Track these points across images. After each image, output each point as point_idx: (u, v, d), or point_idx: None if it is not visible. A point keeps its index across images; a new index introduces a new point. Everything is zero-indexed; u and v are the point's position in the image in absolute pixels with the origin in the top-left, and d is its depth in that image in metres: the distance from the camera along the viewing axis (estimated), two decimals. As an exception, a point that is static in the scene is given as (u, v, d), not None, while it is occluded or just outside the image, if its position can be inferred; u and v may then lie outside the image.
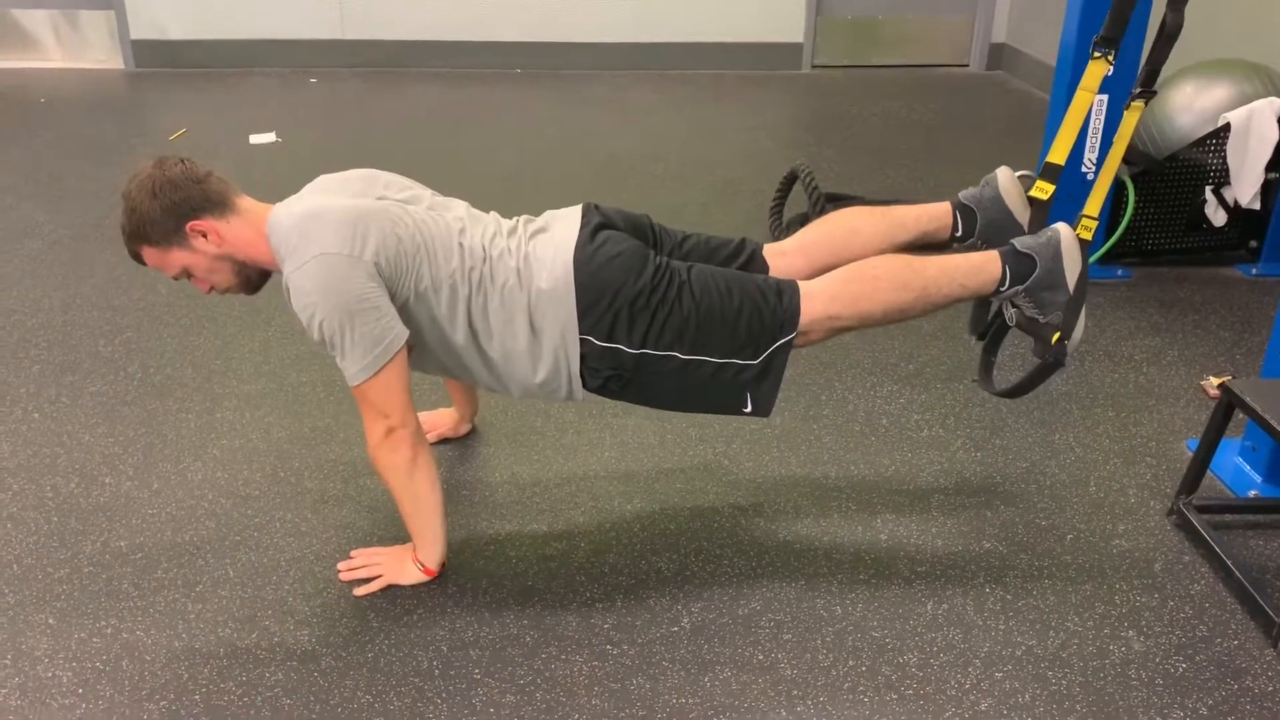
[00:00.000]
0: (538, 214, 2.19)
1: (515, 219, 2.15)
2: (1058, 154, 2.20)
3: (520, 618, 2.02)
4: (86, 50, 6.28)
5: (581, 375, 2.05)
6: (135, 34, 6.14)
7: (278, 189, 4.38)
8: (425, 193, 2.16)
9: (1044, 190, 2.21)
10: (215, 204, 2.01)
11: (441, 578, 2.10)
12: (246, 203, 2.06)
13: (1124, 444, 2.59)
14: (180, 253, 2.02)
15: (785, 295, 2.03)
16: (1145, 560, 2.19)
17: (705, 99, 5.86)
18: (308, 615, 2.01)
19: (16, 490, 2.37)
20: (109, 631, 1.97)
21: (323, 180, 2.14)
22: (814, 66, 6.47)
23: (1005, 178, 2.23)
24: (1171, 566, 2.17)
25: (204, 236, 2.00)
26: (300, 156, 4.74)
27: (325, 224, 1.94)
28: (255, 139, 4.93)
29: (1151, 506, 2.36)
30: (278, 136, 4.96)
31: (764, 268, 2.20)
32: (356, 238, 1.92)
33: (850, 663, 1.92)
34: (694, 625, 2.00)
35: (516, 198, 4.24)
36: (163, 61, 6.20)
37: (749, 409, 2.07)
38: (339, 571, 2.12)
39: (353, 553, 2.16)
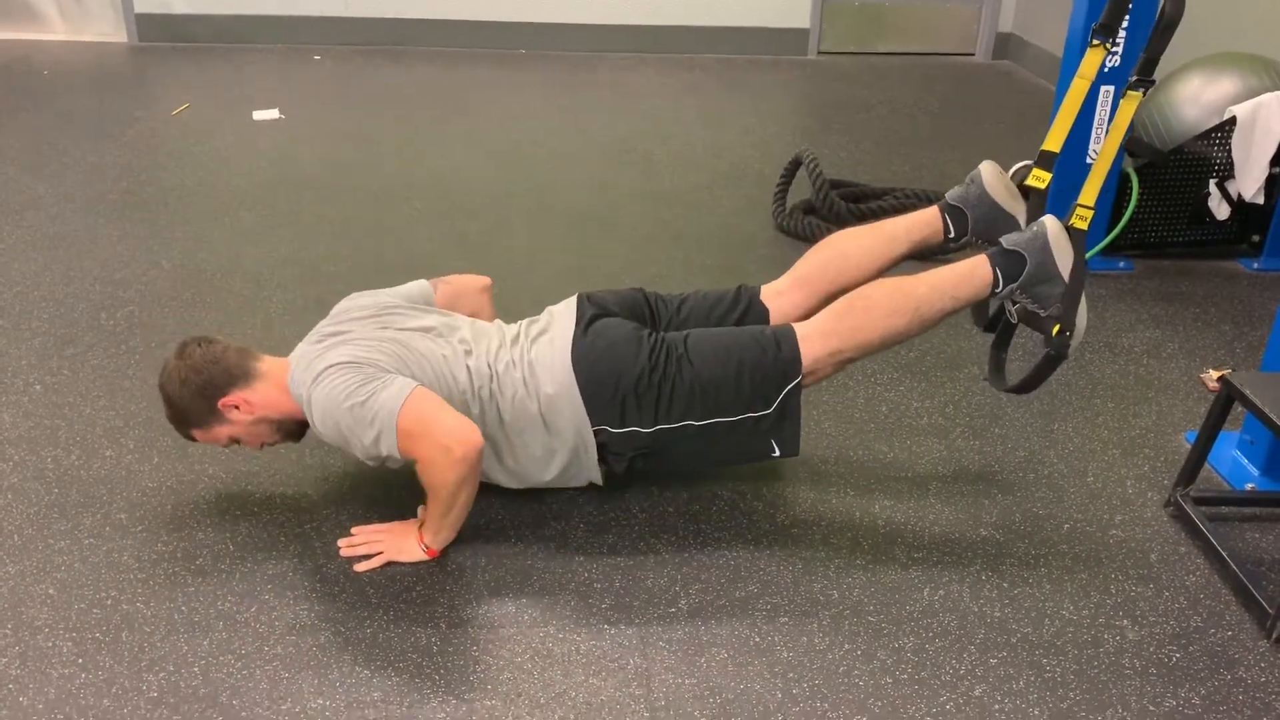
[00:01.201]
0: (540, 200, 2.22)
1: (518, 325, 2.21)
2: (1053, 142, 2.20)
3: (519, 596, 2.02)
4: (90, 23, 6.26)
5: (605, 460, 2.13)
6: (139, 7, 6.11)
7: (280, 165, 4.40)
8: (430, 318, 2.21)
9: (1041, 179, 2.21)
10: (238, 377, 2.09)
11: (441, 556, 2.11)
12: (266, 364, 2.14)
13: (1123, 435, 2.60)
14: (222, 428, 2.12)
15: (783, 344, 2.08)
16: (1141, 550, 2.20)
17: (710, 83, 5.84)
18: (307, 590, 2.02)
19: (17, 461, 2.38)
20: (109, 603, 1.98)
21: (326, 323, 2.20)
22: (820, 52, 6.46)
23: (989, 172, 2.24)
24: (1167, 557, 2.18)
25: (236, 409, 2.09)
26: (304, 133, 4.73)
27: (334, 350, 2.04)
28: (259, 115, 4.92)
29: (1149, 497, 2.37)
30: (281, 113, 4.95)
31: (763, 311, 2.26)
32: (365, 357, 2.01)
33: (846, 646, 1.93)
34: (691, 607, 2.01)
35: (519, 180, 4.24)
36: (166, 36, 6.18)
37: (777, 453, 2.13)
38: (339, 548, 2.13)
39: (353, 529, 2.17)
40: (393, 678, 1.83)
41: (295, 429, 2.18)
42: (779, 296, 2.25)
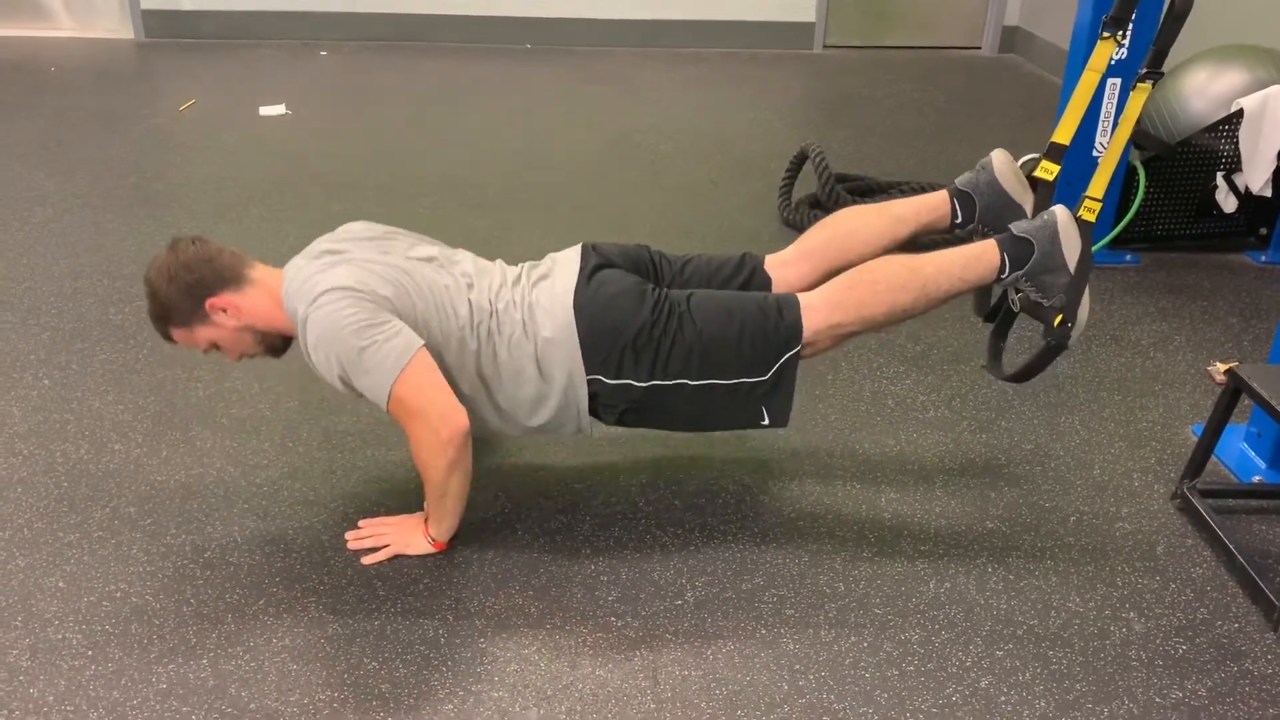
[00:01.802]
0: (547, 193, 2.20)
1: (520, 266, 2.19)
2: (1063, 134, 2.20)
3: (525, 589, 2.03)
4: (97, 20, 6.28)
5: (596, 411, 2.10)
6: (146, 4, 6.13)
7: (287, 160, 4.40)
8: (433, 248, 2.19)
9: (1049, 171, 2.21)
10: (229, 280, 2.06)
11: (448, 548, 2.12)
12: (259, 272, 2.10)
13: (1129, 428, 2.60)
14: (204, 329, 2.07)
15: (786, 311, 2.06)
16: (1148, 543, 2.20)
17: (716, 77, 5.84)
18: (315, 583, 2.03)
19: (26, 455, 2.39)
20: (118, 595, 1.99)
21: (322, 240, 2.16)
22: (826, 46, 6.45)
23: (1000, 160, 2.23)
24: (1174, 550, 2.18)
25: (223, 312, 2.06)
26: (310, 129, 4.74)
27: (334, 270, 2.00)
28: (265, 110, 4.93)
29: (1155, 490, 2.36)
30: (287, 109, 4.96)
31: (766, 281, 2.23)
32: (366, 280, 1.97)
33: (852, 638, 1.93)
34: (698, 599, 2.02)
35: (524, 173, 4.25)
36: (173, 32, 6.19)
37: (766, 421, 2.10)
38: (347, 540, 2.13)
39: (361, 522, 2.17)
40: (400, 669, 1.84)
41: (279, 344, 2.15)
42: (783, 267, 2.23)
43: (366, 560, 2.08)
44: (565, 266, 2.14)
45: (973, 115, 5.28)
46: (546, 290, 2.09)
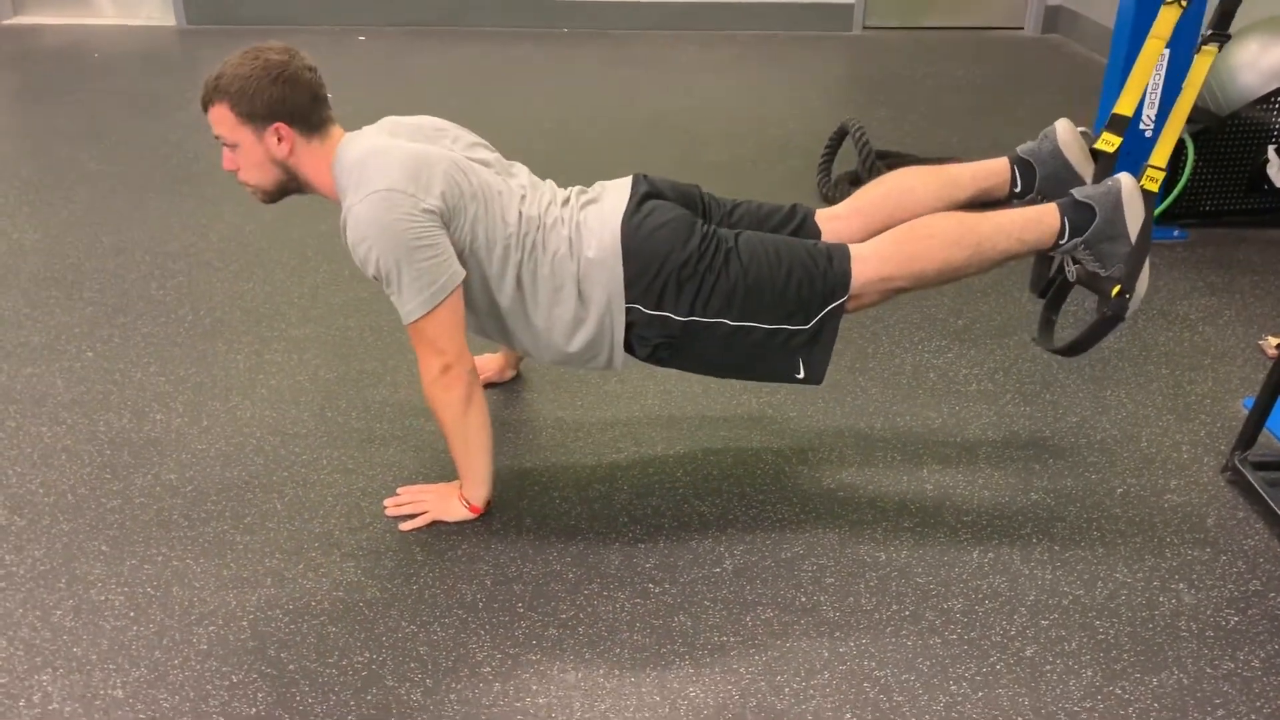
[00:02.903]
0: (585, 173, 2.19)
1: (569, 189, 2.15)
2: (1125, 105, 2.15)
3: (563, 555, 2.02)
4: (140, 7, 6.34)
5: (630, 343, 2.06)
6: (187, -10, 6.19)
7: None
8: (491, 154, 2.16)
9: (1110, 143, 2.16)
10: (312, 125, 2.00)
11: (486, 515, 2.11)
12: (335, 130, 2.05)
13: (1178, 401, 2.55)
14: (248, 134, 1.97)
15: (835, 259, 2.00)
16: (1198, 515, 2.15)
17: (753, 59, 5.80)
18: (354, 549, 2.03)
19: (70, 424, 2.42)
20: (159, 559, 2.00)
21: (391, 121, 2.12)
22: (865, 28, 6.38)
23: (1065, 130, 2.18)
24: (1225, 522, 2.13)
25: (278, 141, 1.98)
26: (349, 111, 4.73)
27: (391, 162, 1.94)
28: (304, 94, 4.95)
29: (1205, 463, 2.31)
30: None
31: (816, 233, 2.17)
32: (421, 179, 1.92)
33: (894, 607, 1.90)
34: (736, 567, 2.00)
35: (562, 154, 4.24)
36: (214, 18, 6.24)
37: (801, 375, 2.05)
38: (385, 508, 2.14)
39: (399, 490, 2.18)
40: (438, 633, 1.83)
41: (289, 192, 2.09)
42: (834, 220, 2.17)
43: (405, 527, 2.09)
44: (615, 192, 2.10)
45: (1015, 95, 5.20)
46: (595, 212, 2.05)
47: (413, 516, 2.10)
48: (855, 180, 3.76)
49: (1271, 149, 3.44)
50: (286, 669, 1.76)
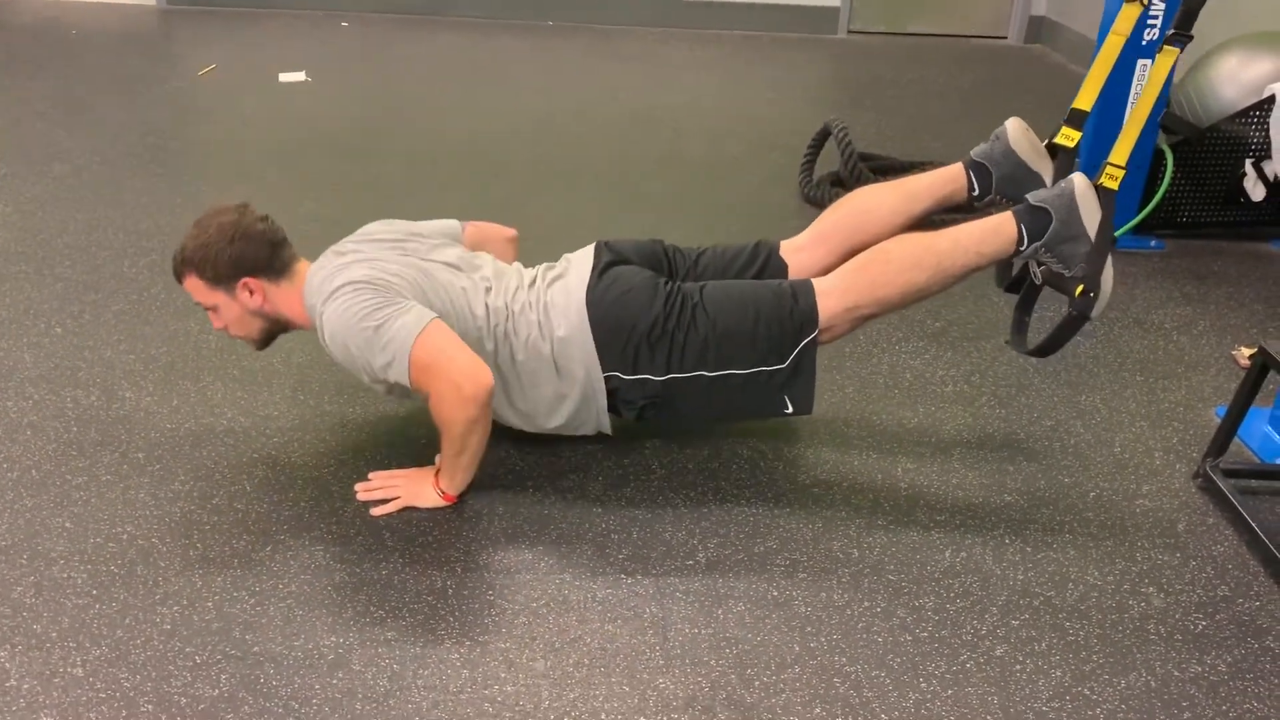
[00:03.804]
0: (569, 166, 2.20)
1: (535, 269, 2.18)
2: (1084, 100, 2.16)
3: (535, 544, 2.01)
4: (120, -15, 6.27)
5: (616, 407, 2.11)
6: (169, -30, 6.12)
7: (306, 125, 4.39)
8: (453, 250, 2.18)
9: (1069, 138, 2.17)
10: (276, 271, 2.06)
11: (458, 502, 2.09)
12: (301, 266, 2.10)
13: (1151, 408, 2.56)
14: (222, 296, 2.06)
15: (800, 296, 2.04)
16: (1169, 520, 2.16)
17: (739, 58, 5.80)
18: (323, 532, 2.01)
19: (37, 399, 2.38)
20: (124, 538, 1.97)
21: (347, 241, 2.15)
22: (850, 31, 6.40)
23: (1014, 128, 2.19)
24: (1195, 527, 2.14)
25: (250, 293, 2.05)
26: (329, 96, 4.71)
27: (352, 267, 2.00)
28: (284, 77, 4.91)
29: (1177, 469, 2.32)
30: (307, 76, 4.94)
31: (782, 267, 2.22)
32: (382, 277, 1.97)
33: (865, 603, 1.90)
34: (709, 560, 1.99)
35: (546, 147, 4.22)
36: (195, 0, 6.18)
37: (789, 409, 2.09)
38: (356, 492, 2.11)
39: (371, 474, 2.15)
40: (407, 618, 1.81)
41: (276, 334, 2.16)
42: (799, 252, 2.21)
43: (376, 512, 2.06)
44: (578, 266, 2.14)
45: (998, 102, 5.22)
46: (560, 290, 2.09)
47: (384, 501, 2.08)
48: (838, 181, 3.77)
49: (1249, 162, 3.46)
50: (251, 650, 1.73)
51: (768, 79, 5.44)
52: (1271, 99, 3.36)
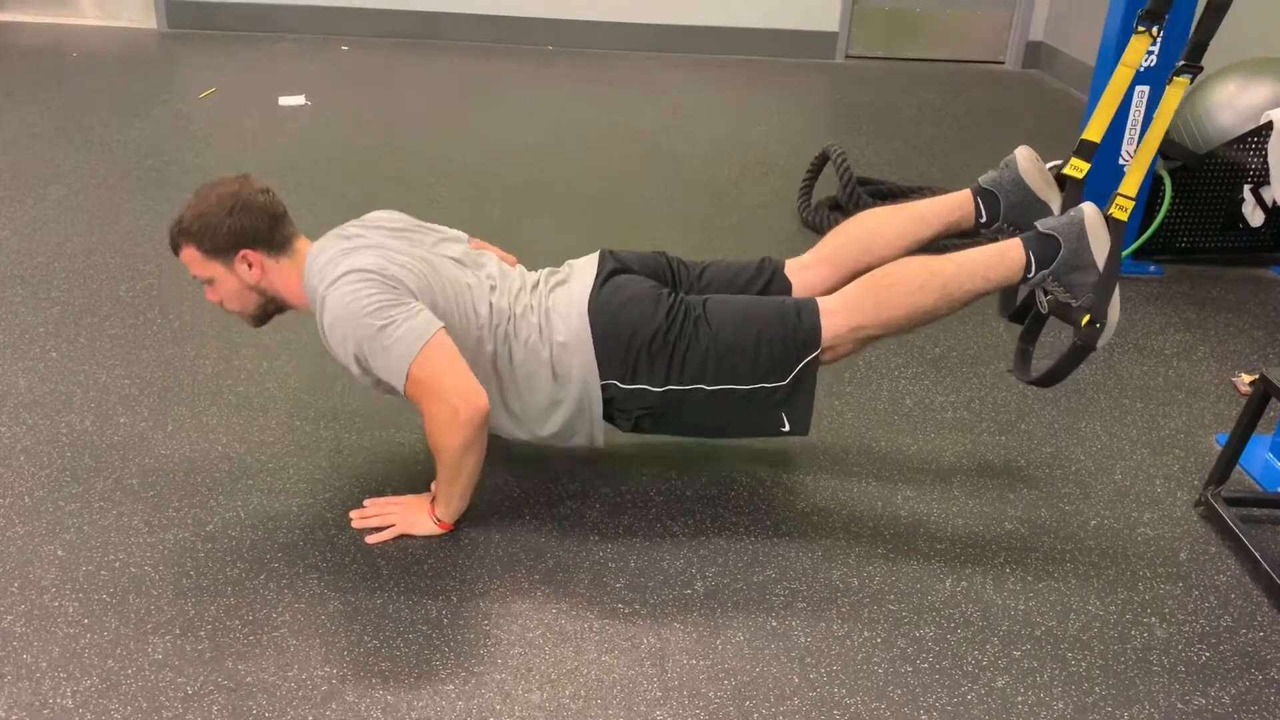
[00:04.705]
0: (565, 189, 2.19)
1: (539, 272, 2.17)
2: (1094, 131, 2.15)
3: (532, 573, 1.99)
4: (122, 9, 6.29)
5: (612, 416, 2.08)
6: (170, -7, 6.14)
7: (306, 148, 4.38)
8: (459, 247, 2.17)
9: (1078, 169, 2.16)
10: (276, 244, 2.03)
11: (454, 530, 2.07)
12: (301, 243, 2.07)
13: (1152, 435, 2.55)
14: (220, 267, 2.02)
15: (804, 314, 2.03)
16: (1170, 549, 2.14)
17: (737, 82, 5.81)
18: (317, 560, 1.99)
19: (31, 425, 2.36)
20: (117, 565, 1.95)
21: (353, 224, 2.14)
22: (848, 56, 6.42)
23: (1024, 157, 2.19)
24: (1197, 556, 2.13)
25: (248, 266, 2.01)
26: (329, 119, 4.72)
27: (355, 251, 1.97)
28: (284, 100, 4.92)
29: (1178, 497, 2.31)
30: (307, 99, 4.95)
31: (786, 285, 2.20)
32: (386, 267, 1.94)
33: (866, 634, 1.88)
34: (707, 589, 1.97)
35: (543, 169, 4.22)
36: (196, 23, 6.19)
37: (786, 428, 2.07)
38: (351, 519, 2.09)
39: (366, 501, 2.14)
40: (401, 649, 1.79)
41: (272, 312, 2.12)
42: (803, 271, 2.20)
43: (371, 539, 2.04)
44: (582, 272, 2.12)
45: (995, 127, 5.24)
46: (563, 295, 2.07)
47: (380, 529, 2.06)
48: (836, 206, 3.77)
49: (1247, 188, 3.47)
50: (244, 681, 1.71)
51: (766, 103, 5.45)
52: (1269, 125, 3.37)
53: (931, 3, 6.37)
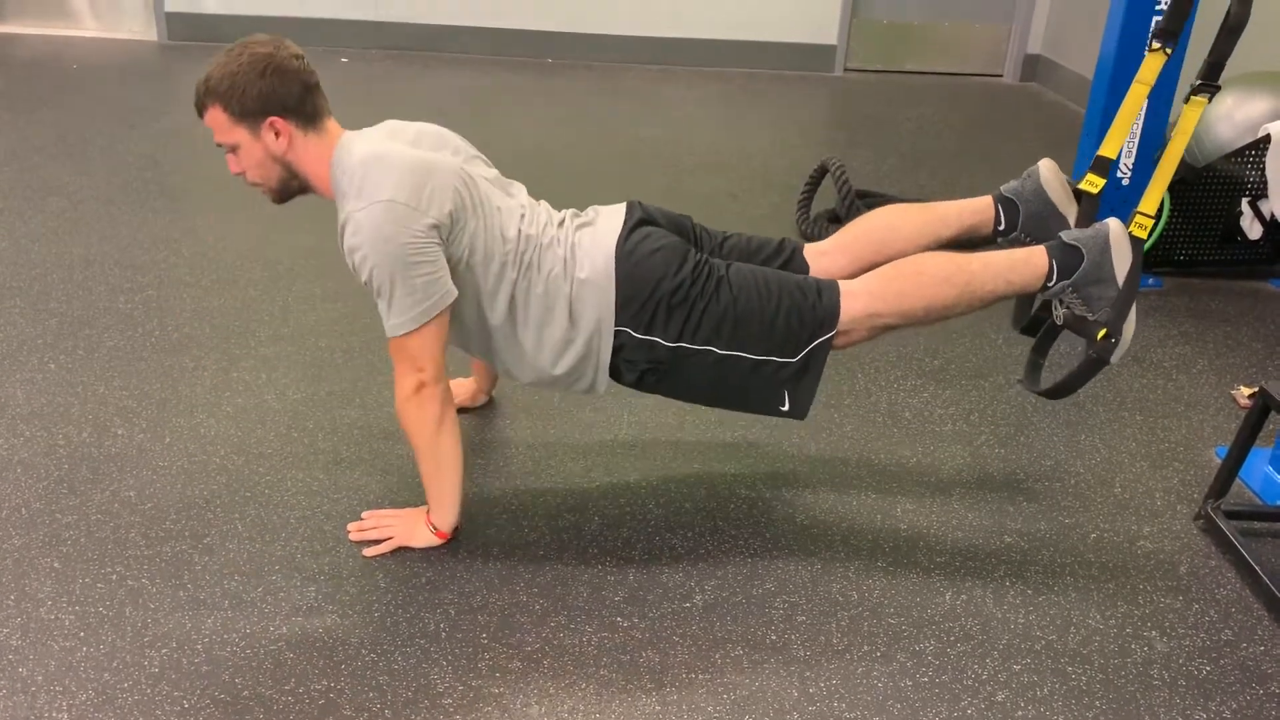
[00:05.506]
0: (565, 201, 2.18)
1: (564, 211, 2.14)
2: (1109, 148, 2.16)
3: (530, 586, 1.98)
4: (122, 21, 6.30)
5: (617, 367, 2.04)
6: (170, 6, 6.15)
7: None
8: (491, 170, 2.15)
9: (1094, 184, 2.16)
10: (307, 115, 1.96)
11: (452, 543, 2.07)
12: (332, 125, 2.02)
13: (1151, 448, 2.54)
14: (245, 133, 1.94)
15: (825, 293, 2.00)
16: (1170, 562, 2.14)
17: (736, 95, 5.83)
18: (315, 572, 1.98)
19: (29, 436, 2.36)
20: (114, 578, 1.94)
21: (392, 125, 2.09)
22: (846, 69, 6.43)
23: (1047, 169, 2.18)
24: (1197, 570, 2.12)
25: (276, 135, 1.94)
26: (328, 132, 4.72)
27: (395, 170, 1.90)
28: (284, 113, 4.92)
29: (1178, 510, 2.31)
30: (307, 111, 4.95)
31: (804, 268, 2.18)
32: (425, 191, 1.89)
33: (865, 647, 1.87)
34: (706, 602, 1.96)
35: (543, 180, 4.22)
36: (196, 35, 6.20)
37: (786, 408, 2.04)
38: (349, 532, 2.09)
39: (364, 514, 2.13)
40: (399, 662, 1.78)
41: (295, 190, 2.06)
42: (822, 256, 2.17)
43: (369, 552, 2.04)
44: (610, 216, 2.10)
45: (993, 140, 5.25)
46: (590, 235, 2.05)
47: (377, 542, 2.06)
48: (835, 218, 3.77)
49: (1246, 201, 3.47)
50: (240, 695, 1.70)
51: (765, 116, 5.46)
52: (1267, 139, 3.37)
53: (930, 16, 6.40)
